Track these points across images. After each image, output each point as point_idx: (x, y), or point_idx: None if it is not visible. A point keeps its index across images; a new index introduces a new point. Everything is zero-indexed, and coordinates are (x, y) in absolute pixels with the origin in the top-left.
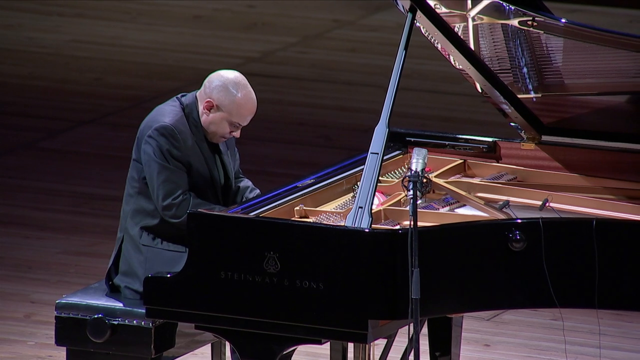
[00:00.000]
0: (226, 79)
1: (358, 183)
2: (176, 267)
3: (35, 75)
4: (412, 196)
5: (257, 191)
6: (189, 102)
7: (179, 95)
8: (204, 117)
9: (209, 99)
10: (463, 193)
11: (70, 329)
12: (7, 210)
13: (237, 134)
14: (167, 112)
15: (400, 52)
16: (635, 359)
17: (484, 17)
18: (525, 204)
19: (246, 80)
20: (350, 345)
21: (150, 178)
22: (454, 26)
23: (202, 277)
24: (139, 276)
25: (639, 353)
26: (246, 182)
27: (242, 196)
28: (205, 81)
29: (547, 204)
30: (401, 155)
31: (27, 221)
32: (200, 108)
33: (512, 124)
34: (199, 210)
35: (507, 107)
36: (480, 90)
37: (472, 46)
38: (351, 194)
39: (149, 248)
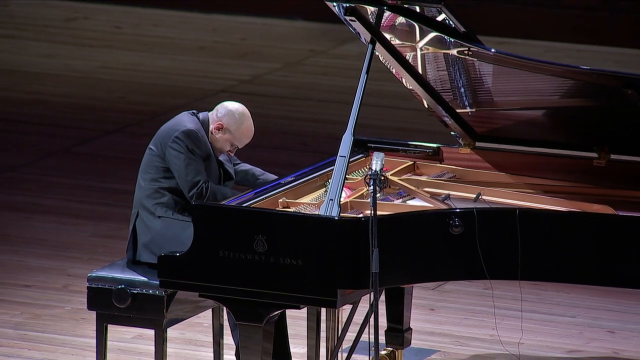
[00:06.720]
0: (236, 110)
1: (329, 180)
2: (186, 232)
3: (71, 94)
4: (372, 191)
5: (259, 170)
6: (204, 119)
7: (194, 111)
8: (212, 135)
9: (220, 122)
10: (413, 188)
11: (99, 297)
12: (49, 202)
13: (232, 153)
14: (189, 121)
15: (363, 75)
16: (549, 320)
17: (430, 48)
18: (462, 197)
19: (249, 113)
20: (323, 310)
21: (179, 170)
22: (406, 55)
23: (204, 256)
24: (157, 241)
25: (553, 315)
26: (245, 166)
27: (252, 175)
28: (219, 106)
29: (480, 197)
30: (363, 158)
31: (65, 211)
32: (211, 127)
33: (452, 132)
34: (202, 202)
35: (448, 120)
36: (426, 106)
37: (420, 70)
38: (324, 189)
39: (164, 218)
